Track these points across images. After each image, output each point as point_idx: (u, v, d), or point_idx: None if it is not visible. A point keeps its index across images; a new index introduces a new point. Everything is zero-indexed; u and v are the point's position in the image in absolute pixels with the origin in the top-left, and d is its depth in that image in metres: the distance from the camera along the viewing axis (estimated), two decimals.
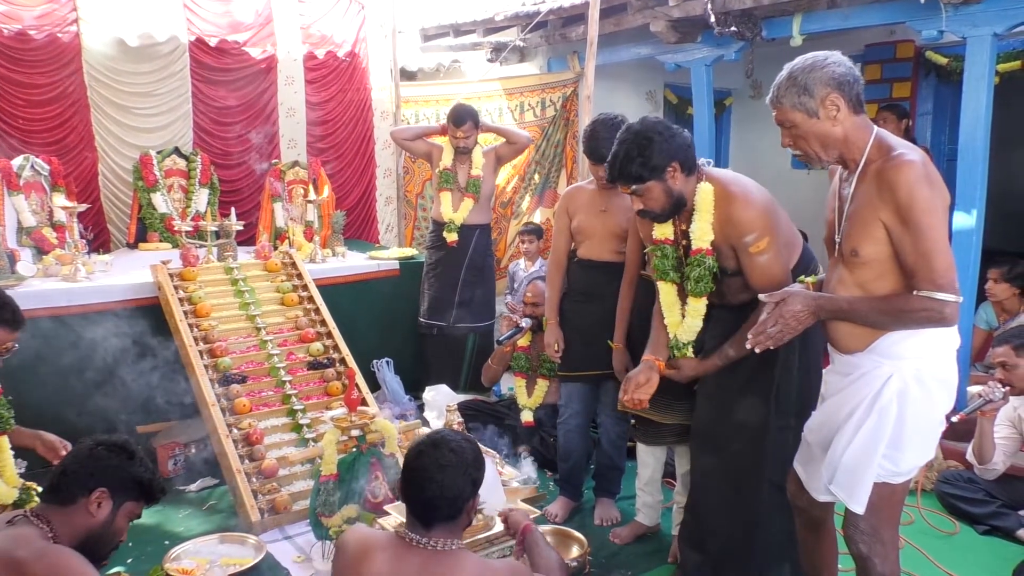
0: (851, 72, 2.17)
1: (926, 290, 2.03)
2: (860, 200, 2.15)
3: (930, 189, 2.05)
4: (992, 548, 3.44)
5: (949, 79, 6.20)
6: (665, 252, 2.79)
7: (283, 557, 3.27)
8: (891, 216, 2.07)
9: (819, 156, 2.22)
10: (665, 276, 2.82)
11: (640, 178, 2.59)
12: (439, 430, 2.25)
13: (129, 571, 3.08)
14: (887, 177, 2.07)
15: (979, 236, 4.36)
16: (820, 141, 2.19)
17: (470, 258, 5.02)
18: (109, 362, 4.06)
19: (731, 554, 2.86)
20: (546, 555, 2.37)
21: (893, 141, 2.17)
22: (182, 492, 3.89)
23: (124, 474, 2.16)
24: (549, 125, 6.66)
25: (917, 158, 2.08)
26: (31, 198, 4.71)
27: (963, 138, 4.37)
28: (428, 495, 2.03)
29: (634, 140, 2.59)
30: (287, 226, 5.50)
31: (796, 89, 2.16)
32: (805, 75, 2.16)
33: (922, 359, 2.16)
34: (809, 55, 2.21)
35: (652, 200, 2.64)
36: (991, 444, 3.54)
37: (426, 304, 5.10)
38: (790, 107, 2.18)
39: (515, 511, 2.61)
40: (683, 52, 5.86)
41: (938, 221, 2.05)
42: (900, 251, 2.08)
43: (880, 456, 2.16)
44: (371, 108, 6.46)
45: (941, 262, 2.03)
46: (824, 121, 2.16)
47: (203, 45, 5.60)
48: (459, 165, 4.96)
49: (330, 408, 3.89)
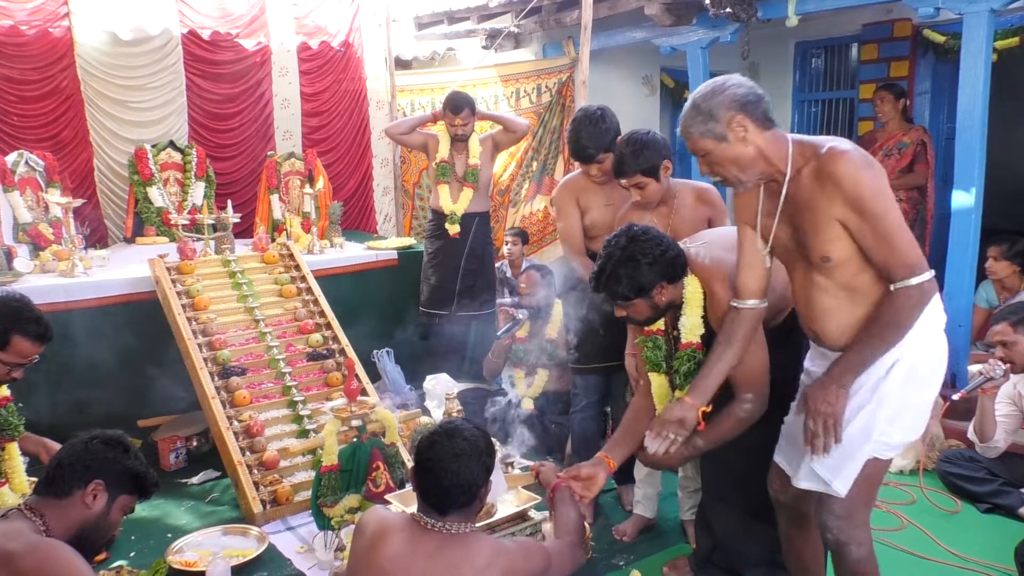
0: (752, 91, 2.16)
1: (901, 279, 2.05)
2: (807, 205, 2.14)
3: (871, 171, 2.06)
4: (994, 526, 3.44)
5: (947, 57, 6.16)
6: (657, 343, 2.73)
7: (286, 548, 3.28)
8: (844, 210, 2.07)
9: (739, 179, 2.22)
10: (658, 368, 2.73)
11: (626, 297, 2.54)
12: (451, 420, 2.27)
13: (132, 564, 3.09)
14: (827, 172, 2.07)
15: (978, 214, 4.35)
16: (735, 164, 2.18)
17: (470, 247, 4.98)
18: (108, 357, 4.07)
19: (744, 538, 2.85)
20: (567, 513, 2.44)
21: (815, 140, 2.16)
22: (184, 485, 3.90)
23: (119, 467, 2.17)
24: (545, 111, 6.63)
25: (848, 146, 2.08)
26: (26, 194, 4.70)
27: (961, 116, 4.35)
28: (444, 484, 2.06)
29: (620, 259, 2.49)
30: (284, 218, 5.49)
31: (701, 117, 2.16)
32: (707, 101, 2.15)
33: (923, 338, 2.16)
34: (709, 81, 2.22)
35: (637, 312, 2.60)
36: (992, 422, 3.53)
37: (427, 294, 5.07)
38: (699, 136, 2.18)
39: (545, 467, 2.68)
40: (678, 35, 5.84)
41: (889, 201, 2.06)
42: (862, 241, 2.08)
43: (878, 433, 2.17)
44: (366, 98, 6.44)
45: (904, 242, 2.05)
46: (734, 144, 2.15)
47: (196, 37, 5.57)
48: (456, 155, 4.92)
49: (330, 399, 3.89)
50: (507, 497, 3.04)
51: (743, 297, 2.38)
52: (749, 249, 2.37)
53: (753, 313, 2.41)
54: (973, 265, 4.44)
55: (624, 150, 3.09)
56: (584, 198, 3.55)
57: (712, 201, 3.23)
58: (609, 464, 2.65)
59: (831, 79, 7.47)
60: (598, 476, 2.57)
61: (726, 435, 2.54)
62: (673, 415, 2.44)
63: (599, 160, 3.43)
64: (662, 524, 3.45)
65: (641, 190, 3.11)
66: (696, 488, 3.19)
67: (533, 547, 2.23)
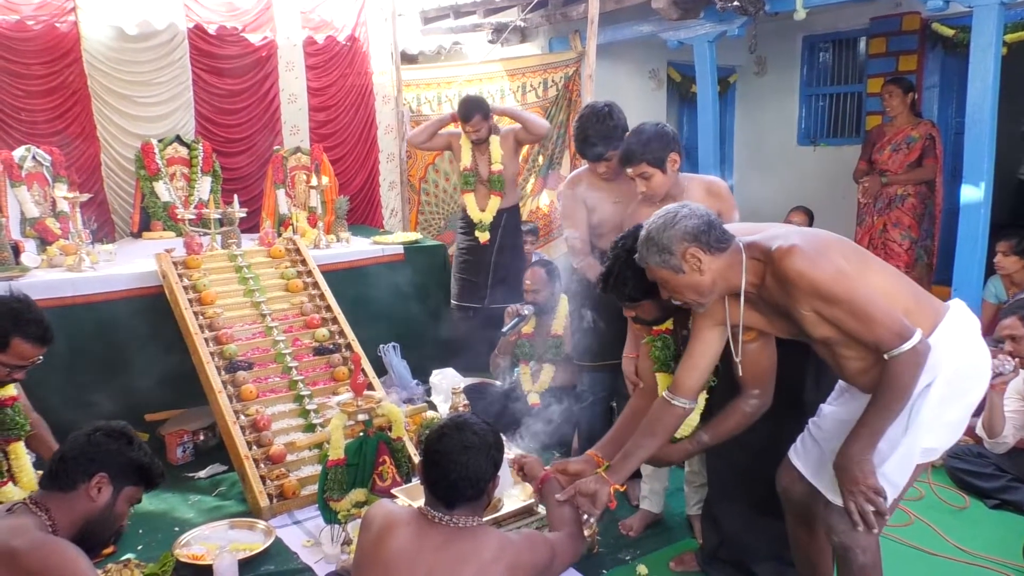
0: (704, 221, 2.20)
1: (894, 348, 2.05)
2: (783, 304, 2.18)
3: (820, 258, 2.08)
4: (1002, 522, 3.42)
5: (956, 51, 6.12)
6: (666, 343, 2.71)
7: (292, 542, 3.28)
8: (812, 303, 2.10)
9: (697, 302, 2.27)
10: (667, 368, 2.71)
11: (633, 299, 2.54)
12: (460, 414, 2.27)
13: (139, 558, 3.09)
14: (782, 276, 2.11)
15: (987, 209, 4.33)
16: (693, 290, 2.24)
17: (500, 242, 5.06)
18: (115, 351, 4.08)
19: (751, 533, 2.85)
20: (562, 506, 2.43)
21: (765, 241, 2.19)
22: (191, 479, 3.91)
23: (123, 459, 2.15)
24: (552, 106, 6.61)
25: (796, 240, 2.11)
26: (33, 189, 4.71)
27: (970, 110, 4.32)
28: (453, 477, 2.06)
29: (627, 261, 2.48)
30: (290, 212, 5.49)
31: (656, 249, 2.21)
32: (661, 235, 2.21)
33: (957, 357, 2.16)
34: (662, 211, 2.27)
35: (645, 313, 2.59)
36: (1001, 417, 3.52)
37: (458, 287, 5.14)
38: (655, 266, 2.24)
39: (528, 460, 2.62)
40: (685, 29, 5.81)
41: (852, 281, 2.07)
42: (841, 325, 2.10)
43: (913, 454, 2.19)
44: (372, 93, 6.43)
45: (881, 313, 2.06)
46: (690, 274, 2.21)
47: (202, 32, 5.57)
48: (479, 158, 4.96)
49: (336, 393, 3.89)
50: (513, 492, 3.04)
51: (678, 395, 2.43)
52: (701, 350, 2.41)
53: (682, 412, 2.46)
54: (982, 260, 4.42)
55: (632, 139, 3.07)
56: (591, 196, 3.52)
57: (721, 194, 3.20)
58: (597, 461, 2.63)
59: (839, 73, 7.43)
60: (600, 491, 2.43)
61: (732, 430, 2.54)
62: (588, 488, 2.44)
63: (607, 158, 3.40)
64: (668, 519, 3.44)
65: (647, 180, 3.06)
66: (703, 483, 3.18)
67: (538, 539, 2.24)
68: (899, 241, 5.61)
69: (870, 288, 2.09)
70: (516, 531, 2.59)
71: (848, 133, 7.33)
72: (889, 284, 2.19)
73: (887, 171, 5.62)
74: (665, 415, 2.46)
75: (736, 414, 2.52)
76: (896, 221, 5.62)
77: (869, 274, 2.15)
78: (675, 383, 2.45)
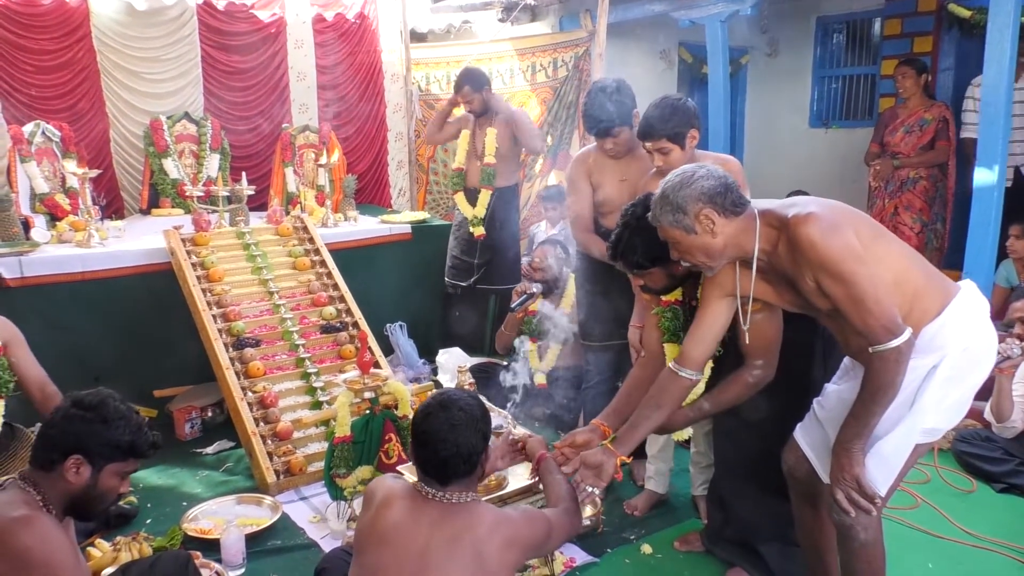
0: (721, 183, 2.18)
1: (880, 343, 2.04)
2: (791, 274, 2.17)
3: (832, 231, 2.05)
4: (1010, 506, 3.41)
5: (972, 33, 6.04)
6: (676, 314, 2.69)
7: (299, 517, 3.31)
8: (815, 274, 2.09)
9: (707, 265, 2.26)
10: (676, 339, 2.67)
11: (641, 266, 2.52)
12: (444, 390, 2.26)
13: (148, 532, 3.12)
14: (794, 242, 2.10)
15: (1000, 192, 4.28)
16: (704, 252, 2.22)
17: (487, 223, 5.02)
18: (124, 328, 4.10)
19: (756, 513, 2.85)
20: (558, 482, 2.42)
21: (782, 208, 2.17)
22: (199, 455, 3.93)
23: (99, 439, 2.04)
24: (561, 85, 6.56)
25: (815, 207, 2.09)
26: (43, 165, 4.73)
27: (985, 92, 4.27)
28: (443, 455, 2.05)
29: (636, 228, 2.47)
30: (299, 190, 5.48)
31: (670, 208, 2.20)
32: (676, 193, 2.19)
33: (965, 338, 2.15)
34: (679, 170, 2.25)
35: (654, 281, 2.58)
36: (1009, 402, 3.50)
37: (448, 264, 5.19)
38: (668, 225, 2.22)
39: (532, 439, 2.61)
40: (697, 8, 5.74)
41: (859, 264, 2.04)
42: (838, 304, 2.08)
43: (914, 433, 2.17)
44: (381, 71, 6.40)
45: (877, 305, 2.03)
46: (702, 235, 2.19)
47: (211, 8, 5.55)
48: (478, 131, 4.98)
49: (343, 371, 3.90)
50: (518, 470, 3.04)
51: (684, 366, 2.41)
52: (709, 321, 2.40)
53: (688, 383, 2.45)
54: (994, 244, 4.37)
55: (653, 112, 2.97)
56: (597, 174, 3.50)
57: (734, 171, 3.17)
58: (604, 431, 2.62)
59: (852, 54, 7.36)
60: (606, 463, 2.45)
61: (733, 400, 2.54)
62: (593, 459, 2.44)
63: (614, 134, 3.38)
64: (674, 499, 3.45)
65: (664, 156, 2.97)
66: (708, 464, 3.18)
67: (536, 515, 2.23)
68: (910, 224, 5.57)
69: (875, 275, 2.06)
70: (514, 507, 2.59)
71: (861, 115, 7.26)
72: (900, 262, 2.17)
73: (899, 153, 5.57)
74: (672, 386, 2.45)
75: (739, 384, 2.52)
76: (907, 204, 5.58)
77: (879, 251, 2.13)
78: (682, 354, 2.44)
